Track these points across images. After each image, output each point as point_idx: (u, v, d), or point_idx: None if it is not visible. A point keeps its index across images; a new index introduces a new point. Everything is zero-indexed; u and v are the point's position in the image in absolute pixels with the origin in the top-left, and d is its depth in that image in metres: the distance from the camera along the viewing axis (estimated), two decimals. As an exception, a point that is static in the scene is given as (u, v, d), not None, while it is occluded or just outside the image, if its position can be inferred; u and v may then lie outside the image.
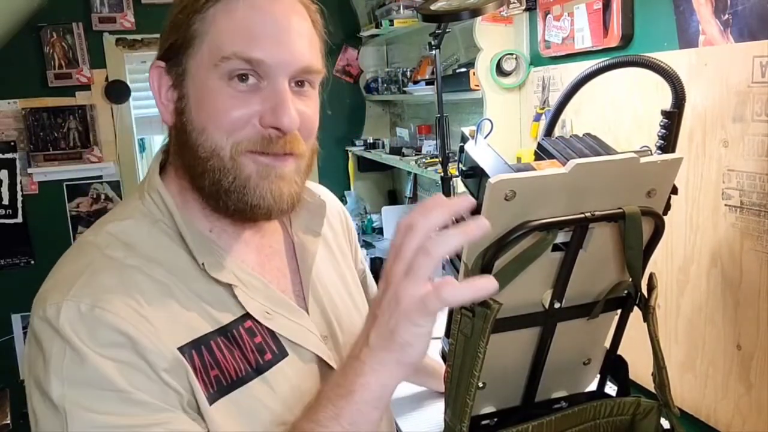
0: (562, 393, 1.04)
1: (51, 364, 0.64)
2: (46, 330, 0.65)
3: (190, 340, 0.69)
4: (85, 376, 0.63)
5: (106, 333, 0.64)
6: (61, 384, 0.63)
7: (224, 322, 0.72)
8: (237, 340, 0.72)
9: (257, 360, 0.73)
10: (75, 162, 2.99)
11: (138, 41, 2.97)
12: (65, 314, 0.64)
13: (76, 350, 0.63)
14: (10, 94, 2.90)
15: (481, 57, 1.82)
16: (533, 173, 0.83)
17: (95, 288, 0.66)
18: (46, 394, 0.64)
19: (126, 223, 0.74)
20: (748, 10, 1.06)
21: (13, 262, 2.99)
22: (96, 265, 0.69)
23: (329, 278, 0.89)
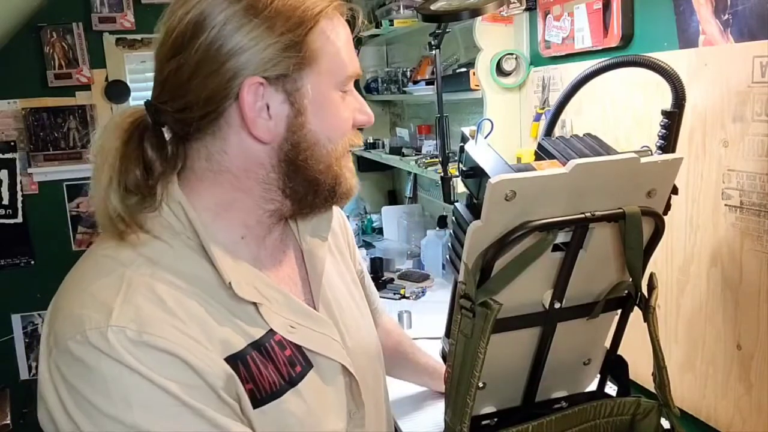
0: (562, 393, 1.04)
1: (112, 390, 0.62)
2: (94, 354, 0.63)
3: (229, 354, 0.70)
4: (153, 397, 0.63)
5: (161, 357, 0.64)
6: (130, 408, 0.62)
7: (256, 336, 0.73)
8: (270, 354, 0.74)
9: (289, 372, 0.75)
10: (75, 162, 2.99)
11: (138, 41, 2.97)
12: (115, 340, 0.63)
13: (139, 373, 0.62)
14: (10, 94, 2.90)
15: (481, 57, 1.82)
16: (533, 173, 0.83)
17: (137, 312, 0.65)
18: (109, 417, 0.62)
19: (147, 237, 0.72)
20: (748, 10, 1.06)
21: (13, 262, 2.99)
22: (129, 286, 0.67)
23: (334, 281, 0.90)
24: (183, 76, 0.71)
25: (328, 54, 0.73)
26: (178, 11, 0.71)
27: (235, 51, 0.69)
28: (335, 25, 0.74)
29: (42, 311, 3.02)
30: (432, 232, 2.52)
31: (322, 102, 0.74)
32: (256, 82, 0.70)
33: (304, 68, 0.72)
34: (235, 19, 0.69)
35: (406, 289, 2.27)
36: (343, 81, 0.76)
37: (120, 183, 0.73)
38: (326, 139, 0.75)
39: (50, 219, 3.00)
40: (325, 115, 0.74)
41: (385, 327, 1.12)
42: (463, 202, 0.91)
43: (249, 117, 0.71)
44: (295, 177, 0.75)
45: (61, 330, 0.66)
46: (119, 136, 0.74)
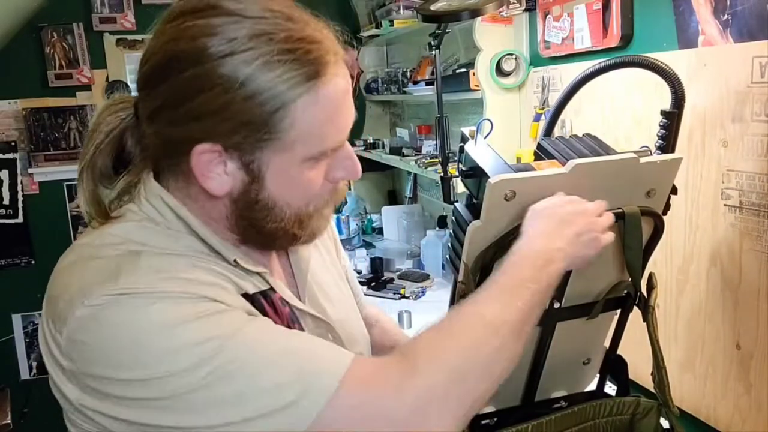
0: (561, 392, 1.04)
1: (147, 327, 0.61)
2: (110, 310, 0.61)
3: (242, 293, 0.71)
4: (193, 309, 0.62)
5: (182, 299, 0.63)
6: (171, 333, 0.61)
7: (262, 288, 0.75)
8: (274, 305, 0.75)
9: (290, 326, 0.75)
10: (76, 162, 2.96)
11: (138, 41, 2.97)
12: (129, 298, 0.61)
13: (169, 294, 0.62)
14: (11, 95, 2.90)
15: (481, 57, 1.83)
16: (533, 173, 0.83)
17: (145, 274, 0.64)
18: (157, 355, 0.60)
19: (128, 225, 0.71)
20: (747, 10, 1.06)
21: (14, 262, 2.99)
22: (128, 260, 0.66)
23: (322, 277, 0.90)
24: (147, 109, 0.70)
25: (297, 132, 0.66)
26: (163, 35, 0.68)
27: (194, 114, 0.65)
28: (318, 97, 0.66)
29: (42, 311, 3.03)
30: (432, 232, 2.52)
31: (284, 173, 0.69)
32: (210, 150, 0.67)
33: (266, 145, 0.67)
34: (201, 80, 0.64)
35: (406, 289, 2.27)
36: (316, 155, 0.69)
37: (92, 171, 0.74)
38: (285, 204, 0.71)
39: (51, 219, 3.00)
40: (287, 185, 0.70)
41: (382, 326, 1.12)
42: (463, 202, 0.91)
43: (200, 175, 0.68)
44: (249, 228, 0.73)
45: (66, 307, 0.63)
46: (105, 128, 0.75)
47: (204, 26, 0.64)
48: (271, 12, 0.66)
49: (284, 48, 0.64)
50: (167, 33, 0.67)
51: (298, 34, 0.66)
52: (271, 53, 0.64)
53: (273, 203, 0.71)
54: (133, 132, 0.75)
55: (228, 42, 0.64)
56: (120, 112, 0.75)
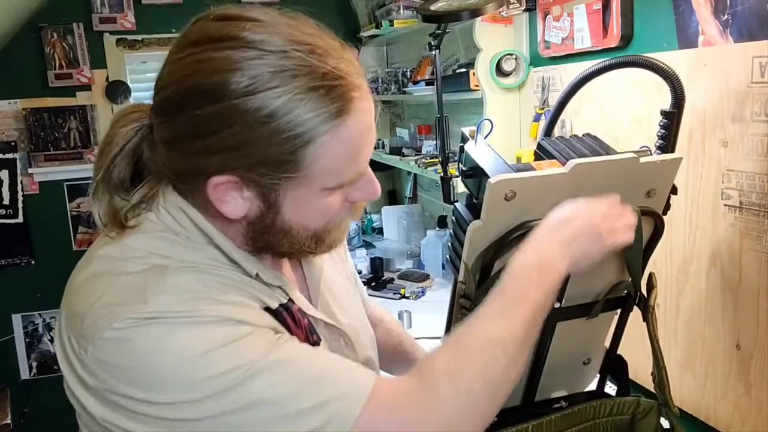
0: (561, 392, 1.04)
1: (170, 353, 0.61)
2: (140, 331, 0.61)
3: (264, 307, 0.72)
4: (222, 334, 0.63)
5: (210, 323, 0.63)
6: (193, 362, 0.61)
7: (283, 300, 0.76)
8: (295, 318, 0.75)
9: (310, 338, 0.77)
10: (76, 162, 2.98)
11: (138, 41, 2.97)
12: (158, 323, 0.61)
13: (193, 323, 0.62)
14: (11, 95, 2.90)
15: (481, 57, 1.83)
16: (533, 173, 0.83)
17: (171, 295, 0.64)
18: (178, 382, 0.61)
19: (150, 236, 0.70)
20: (747, 10, 1.06)
21: (14, 262, 2.99)
22: (154, 276, 0.65)
23: (334, 282, 0.91)
24: (162, 136, 0.69)
25: (320, 169, 0.66)
26: (185, 62, 0.65)
27: (213, 149, 0.64)
28: (340, 134, 0.65)
29: (42, 311, 3.02)
30: (432, 232, 2.52)
31: (302, 203, 0.69)
32: (226, 181, 0.66)
33: (282, 179, 0.66)
34: (220, 117, 0.63)
35: (406, 289, 2.27)
36: (333, 187, 0.69)
37: (110, 183, 0.73)
38: (302, 227, 0.72)
39: (51, 219, 3.00)
40: (303, 212, 0.70)
41: (386, 326, 1.12)
42: (463, 202, 0.92)
43: (216, 200, 0.68)
44: (265, 247, 0.74)
45: (92, 327, 0.63)
46: (121, 141, 0.73)
47: (225, 60, 0.62)
48: (293, 45, 0.64)
49: (308, 86, 0.63)
50: (186, 63, 0.65)
51: (322, 68, 0.64)
52: (294, 91, 0.62)
53: (289, 227, 0.71)
54: (149, 143, 0.74)
55: (250, 79, 0.62)
56: (134, 123, 0.74)
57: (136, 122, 0.74)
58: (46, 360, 3.04)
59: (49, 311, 3.04)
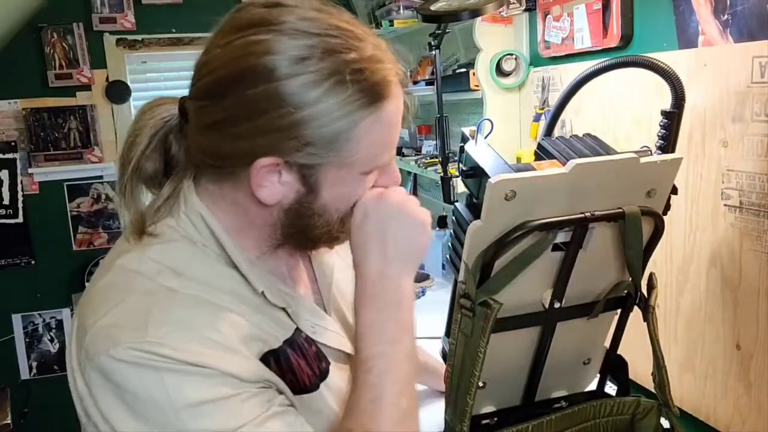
0: (562, 392, 1.04)
1: (154, 396, 0.62)
2: (132, 369, 0.62)
3: (267, 350, 0.71)
4: (210, 391, 0.63)
5: (199, 369, 0.64)
6: (173, 408, 0.62)
7: (288, 335, 0.75)
8: (302, 350, 0.76)
9: (319, 367, 0.77)
10: (76, 162, 2.99)
11: (138, 41, 2.96)
12: (151, 356, 0.62)
13: (177, 372, 0.62)
14: (11, 95, 2.90)
15: (481, 57, 1.83)
16: (533, 173, 0.83)
17: (171, 328, 0.64)
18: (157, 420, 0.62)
19: (168, 246, 0.71)
20: (747, 10, 1.06)
21: (14, 262, 2.99)
22: (161, 301, 0.66)
23: (345, 283, 0.91)
24: (205, 120, 0.69)
25: (361, 151, 0.69)
26: (231, 45, 0.66)
27: (260, 130, 0.66)
28: (386, 115, 0.69)
29: (42, 311, 3.03)
30: (432, 232, 2.51)
31: (340, 186, 0.72)
32: (272, 163, 0.67)
33: (326, 161, 0.68)
34: (271, 98, 0.64)
35: (406, 289, 2.26)
36: (369, 170, 0.73)
37: (140, 175, 0.74)
38: (335, 210, 0.74)
39: (51, 219, 3.00)
40: (340, 196, 0.73)
41: None
42: (463, 202, 0.92)
43: (255, 184, 0.69)
44: (297, 234, 0.75)
45: (92, 347, 0.64)
46: (149, 132, 0.74)
47: (274, 42, 0.64)
48: (338, 30, 0.66)
49: (353, 68, 0.65)
50: (236, 46, 0.66)
51: (365, 53, 0.67)
52: (341, 73, 0.65)
53: (323, 210, 0.73)
54: (177, 135, 0.75)
55: (299, 61, 0.64)
56: (162, 114, 0.75)
57: (165, 113, 0.75)
58: (46, 360, 3.04)
59: (49, 311, 3.04)
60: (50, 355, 3.04)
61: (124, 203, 0.74)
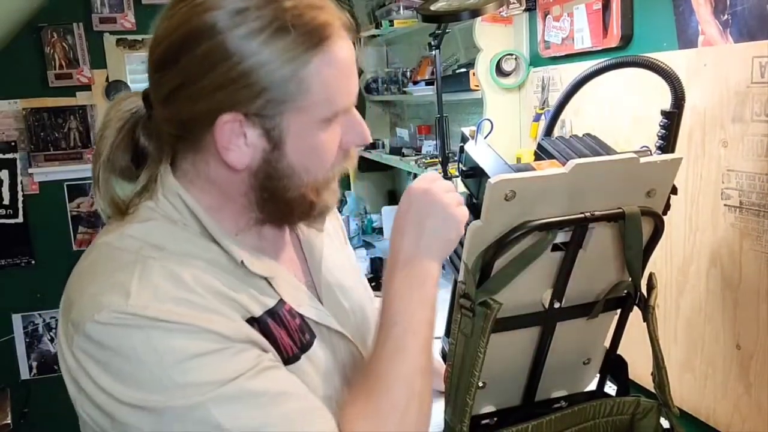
0: (561, 392, 1.04)
1: (141, 357, 0.63)
2: (118, 332, 0.63)
3: (248, 317, 0.72)
4: (195, 345, 0.64)
5: (184, 328, 0.65)
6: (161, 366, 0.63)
7: (270, 305, 0.75)
8: (283, 321, 0.76)
9: (301, 339, 0.78)
10: (76, 162, 2.99)
11: (138, 41, 2.97)
12: (135, 319, 0.63)
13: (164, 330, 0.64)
14: (11, 95, 2.90)
15: (481, 57, 1.83)
16: (533, 173, 0.83)
17: (155, 291, 0.66)
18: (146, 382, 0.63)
19: (147, 225, 0.73)
20: (747, 10, 1.06)
21: (14, 262, 2.99)
22: (143, 269, 0.68)
23: (337, 265, 0.92)
24: (163, 91, 0.71)
25: (316, 93, 0.70)
26: (173, 17, 0.69)
27: (215, 85, 0.67)
28: (334, 56, 0.70)
29: (42, 311, 3.03)
30: None
31: (303, 137, 0.72)
32: (232, 120, 0.69)
33: (286, 108, 0.70)
34: (218, 52, 0.66)
35: (406, 289, 2.26)
36: (329, 117, 0.73)
37: (113, 169, 0.76)
38: (303, 170, 0.74)
39: (51, 219, 3.00)
40: (305, 149, 0.73)
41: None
42: (463, 202, 0.92)
43: (221, 145, 0.70)
44: (270, 200, 0.76)
45: (78, 316, 0.66)
46: (116, 125, 0.76)
47: (213, 1, 0.67)
48: None
49: (293, 14, 0.68)
50: (177, 14, 0.69)
51: (304, 1, 0.69)
52: (281, 19, 0.67)
53: (292, 170, 0.73)
54: (145, 124, 0.77)
55: (238, 12, 0.66)
56: (128, 107, 0.77)
57: (130, 104, 0.77)
58: (46, 360, 3.04)
59: (49, 311, 3.04)
60: (50, 355, 3.04)
61: (99, 194, 0.76)
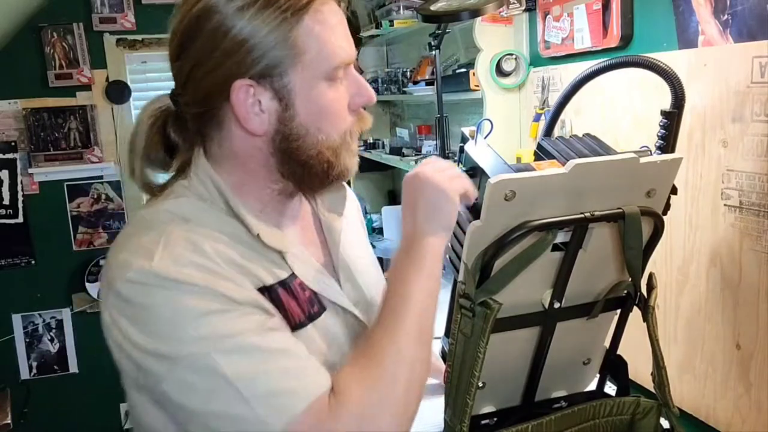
0: (561, 393, 1.04)
1: (162, 314, 0.71)
2: (141, 290, 0.72)
3: (260, 286, 0.79)
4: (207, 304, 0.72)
5: (199, 289, 0.72)
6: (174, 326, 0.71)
7: (282, 277, 0.82)
8: (293, 292, 0.83)
9: (309, 310, 0.83)
10: (76, 162, 2.99)
11: (138, 41, 2.97)
12: (156, 277, 0.72)
13: (181, 291, 0.71)
14: (11, 95, 2.90)
15: (481, 57, 1.83)
16: (533, 173, 0.83)
17: (176, 256, 0.74)
18: (166, 337, 0.71)
19: (180, 201, 0.82)
20: (747, 10, 1.06)
21: (14, 262, 2.99)
22: (169, 237, 0.76)
23: (355, 251, 0.97)
24: (182, 77, 0.80)
25: (313, 49, 0.77)
26: (180, 13, 0.80)
27: (221, 58, 0.76)
28: (323, 16, 0.78)
29: (42, 311, 3.03)
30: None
31: (310, 95, 0.79)
32: (245, 84, 0.77)
33: (288, 66, 0.77)
34: (219, 29, 0.76)
35: (406, 289, 2.26)
36: (330, 72, 0.79)
37: (150, 162, 0.86)
38: (316, 129, 0.80)
39: (51, 219, 3.00)
40: (314, 107, 0.79)
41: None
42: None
43: (240, 115, 0.78)
44: (289, 162, 0.82)
45: (111, 277, 0.75)
46: (147, 122, 0.85)
47: None
48: None
49: None
50: (181, 9, 0.80)
51: None
52: None
53: (306, 130, 0.80)
54: (174, 120, 0.85)
55: None
56: (156, 105, 0.86)
57: (159, 103, 0.86)
58: (46, 360, 3.04)
59: (49, 311, 3.04)
60: (50, 355, 3.04)
61: (137, 184, 0.86)
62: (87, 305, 3.04)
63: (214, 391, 0.70)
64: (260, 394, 0.70)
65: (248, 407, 0.70)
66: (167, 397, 0.73)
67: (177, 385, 0.72)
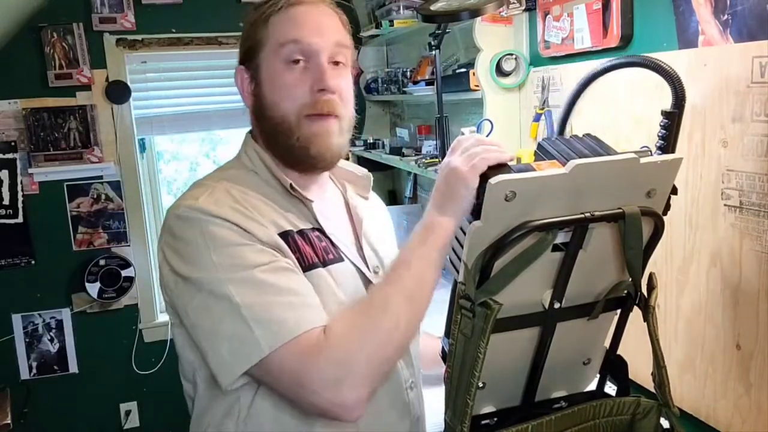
0: (561, 393, 1.04)
1: (201, 241, 0.90)
2: (186, 222, 0.92)
3: (281, 231, 0.96)
4: (233, 237, 0.90)
5: (230, 225, 0.91)
6: (209, 250, 0.89)
7: (302, 227, 1.00)
8: (310, 240, 0.99)
9: (323, 256, 0.99)
10: (75, 162, 2.98)
11: (138, 41, 2.96)
12: (198, 212, 0.91)
13: (214, 224, 0.90)
14: (11, 95, 2.90)
15: (481, 57, 1.83)
16: (533, 174, 0.83)
17: (216, 201, 0.94)
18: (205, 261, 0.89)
19: (230, 171, 1.04)
20: (747, 10, 1.06)
21: (14, 262, 2.98)
22: (214, 189, 0.97)
23: (379, 235, 1.14)
24: None
25: (273, 37, 1.00)
26: None
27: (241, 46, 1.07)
28: (290, 14, 1.00)
29: (42, 311, 3.02)
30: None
31: (271, 74, 1.00)
32: (239, 69, 1.06)
33: (258, 51, 1.01)
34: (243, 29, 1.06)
35: (406, 289, 2.25)
36: (284, 53, 0.98)
37: None
38: (273, 103, 1.00)
39: (51, 219, 2.99)
40: (272, 84, 1.00)
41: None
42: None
43: (240, 92, 1.06)
44: (267, 130, 1.03)
45: (165, 219, 0.96)
46: None
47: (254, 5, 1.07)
48: None
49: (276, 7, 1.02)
50: None
51: None
52: (260, 11, 1.03)
53: (268, 104, 1.01)
54: None
55: (251, 10, 1.05)
56: None
57: None
58: (46, 360, 3.04)
59: (49, 311, 3.03)
60: (50, 355, 3.04)
61: None
62: (87, 305, 3.04)
63: (225, 314, 0.87)
64: (260, 319, 0.85)
65: (248, 329, 0.85)
66: (189, 318, 0.91)
67: (198, 307, 0.89)
